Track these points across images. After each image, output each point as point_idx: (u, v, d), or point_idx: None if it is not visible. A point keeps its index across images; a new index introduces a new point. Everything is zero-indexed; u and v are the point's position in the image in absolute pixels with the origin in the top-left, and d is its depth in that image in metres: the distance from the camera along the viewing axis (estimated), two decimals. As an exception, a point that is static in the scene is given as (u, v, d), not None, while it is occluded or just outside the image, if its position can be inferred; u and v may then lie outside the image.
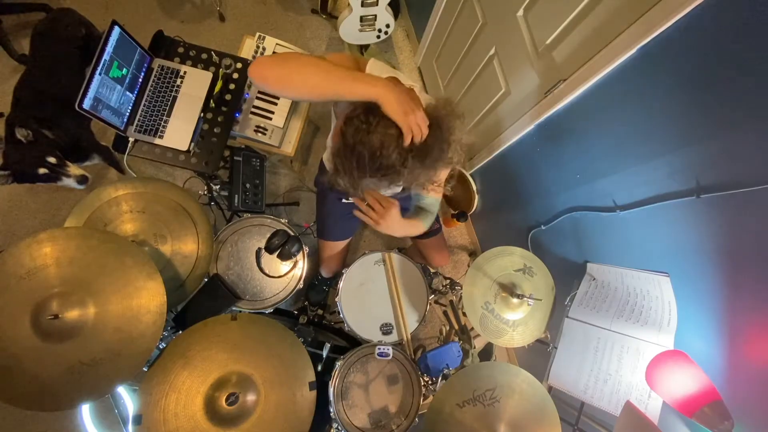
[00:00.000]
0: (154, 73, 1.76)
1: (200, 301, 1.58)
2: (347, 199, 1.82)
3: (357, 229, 2.04)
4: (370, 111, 1.04)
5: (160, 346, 1.43)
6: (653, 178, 1.27)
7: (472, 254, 2.74)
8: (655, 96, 1.16)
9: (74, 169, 1.77)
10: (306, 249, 1.74)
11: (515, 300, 1.59)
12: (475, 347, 1.89)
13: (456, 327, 1.98)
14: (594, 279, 1.61)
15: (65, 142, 1.84)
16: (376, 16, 2.42)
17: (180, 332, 1.47)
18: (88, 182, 1.82)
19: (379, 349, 1.60)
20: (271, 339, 1.42)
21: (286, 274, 1.73)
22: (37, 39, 1.90)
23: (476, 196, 2.47)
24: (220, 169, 1.89)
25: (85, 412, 1.57)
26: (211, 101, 1.77)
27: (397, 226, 1.33)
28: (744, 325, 1.16)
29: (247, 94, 1.90)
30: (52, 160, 1.70)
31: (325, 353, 1.63)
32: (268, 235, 1.68)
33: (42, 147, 1.73)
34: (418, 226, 1.45)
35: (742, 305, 1.16)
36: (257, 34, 1.96)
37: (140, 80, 1.74)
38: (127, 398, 1.52)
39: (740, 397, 1.17)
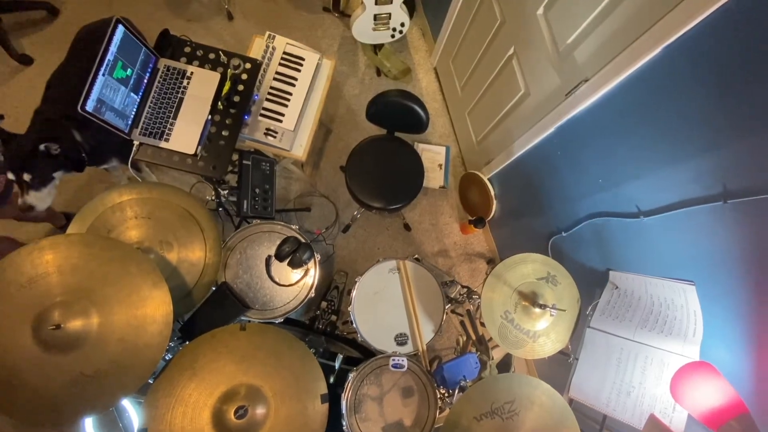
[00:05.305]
0: (159, 73, 1.74)
1: (208, 311, 1.57)
2: None
3: None
4: None
5: (166, 358, 1.43)
6: (678, 182, 1.26)
7: (490, 262, 2.72)
8: (680, 97, 1.15)
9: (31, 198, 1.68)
10: (317, 257, 1.73)
11: (537, 310, 1.56)
12: (493, 358, 1.88)
13: (473, 337, 2.00)
14: (617, 288, 1.59)
15: (90, 146, 1.80)
16: (390, 14, 2.40)
17: (187, 343, 1.45)
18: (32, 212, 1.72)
19: (393, 360, 1.59)
20: (282, 350, 1.40)
21: (297, 283, 1.71)
22: (82, 38, 1.87)
23: (494, 202, 2.44)
24: (229, 173, 1.87)
25: (88, 426, 1.53)
26: (219, 103, 1.75)
27: None
28: (773, 336, 1.14)
29: (256, 95, 1.87)
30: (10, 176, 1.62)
31: (337, 364, 1.63)
32: (278, 242, 1.66)
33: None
34: None
35: (770, 314, 1.13)
36: (267, 33, 1.95)
37: (145, 81, 1.71)
38: (132, 411, 1.48)
39: (769, 411, 1.15)
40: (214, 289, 1.60)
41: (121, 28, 1.55)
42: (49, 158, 1.64)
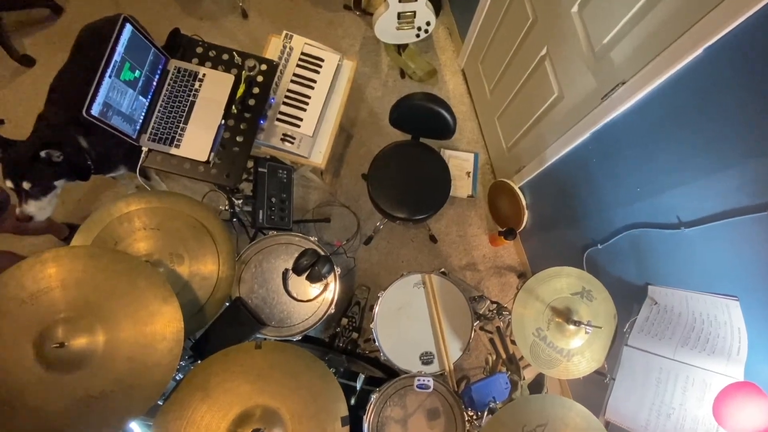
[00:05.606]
0: (169, 75, 1.70)
1: (221, 328, 1.56)
2: None
3: None
4: None
5: (177, 377, 1.42)
6: (721, 191, 1.23)
7: (521, 276, 2.68)
8: (723, 100, 1.12)
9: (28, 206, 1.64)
10: (338, 270, 1.70)
11: (571, 327, 1.52)
12: (524, 378, 1.88)
13: (503, 356, 2.00)
14: (656, 303, 1.55)
15: (96, 152, 1.75)
16: (415, 12, 2.36)
17: (199, 362, 1.44)
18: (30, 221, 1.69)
19: (418, 380, 1.55)
20: (300, 369, 1.37)
21: (316, 298, 1.68)
22: (86, 37, 1.83)
23: (525, 212, 2.39)
24: (243, 181, 1.85)
25: (93, 450, 1.48)
26: (233, 107, 1.72)
27: None
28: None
29: (273, 98, 1.85)
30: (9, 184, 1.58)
31: (359, 385, 1.63)
32: (296, 255, 1.65)
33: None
34: None
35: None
36: (284, 32, 1.92)
37: (155, 83, 1.67)
38: (140, 435, 1.48)
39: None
40: (227, 304, 1.58)
41: (128, 27, 1.50)
42: (51, 165, 1.60)
